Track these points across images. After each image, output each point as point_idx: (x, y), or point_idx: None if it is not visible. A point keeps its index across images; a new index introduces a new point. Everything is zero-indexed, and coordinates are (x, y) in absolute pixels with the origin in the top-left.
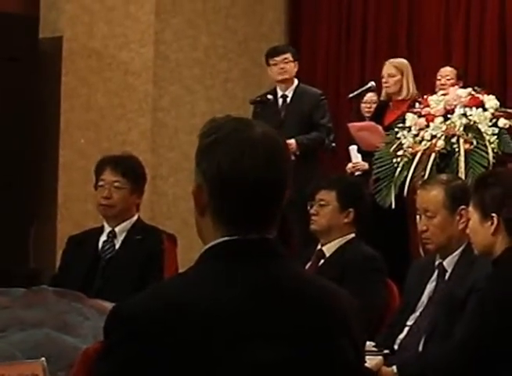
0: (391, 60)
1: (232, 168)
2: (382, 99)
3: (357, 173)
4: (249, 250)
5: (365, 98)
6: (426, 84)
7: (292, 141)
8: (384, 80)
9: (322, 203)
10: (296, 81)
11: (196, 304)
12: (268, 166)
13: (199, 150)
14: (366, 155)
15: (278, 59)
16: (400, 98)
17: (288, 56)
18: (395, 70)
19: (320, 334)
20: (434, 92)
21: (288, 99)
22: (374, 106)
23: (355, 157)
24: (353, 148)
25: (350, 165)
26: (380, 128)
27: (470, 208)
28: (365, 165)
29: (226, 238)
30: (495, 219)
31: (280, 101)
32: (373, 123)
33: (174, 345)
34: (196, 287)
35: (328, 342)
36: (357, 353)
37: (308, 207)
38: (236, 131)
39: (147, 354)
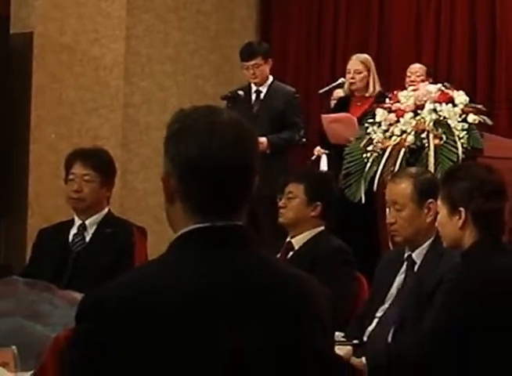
0: (357, 55)
1: (199, 152)
2: (344, 94)
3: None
4: (220, 236)
5: (334, 94)
6: (396, 81)
7: (264, 139)
8: (350, 75)
9: (290, 196)
10: (271, 78)
11: (166, 292)
12: (236, 150)
13: (167, 137)
14: (335, 149)
15: (248, 64)
16: (367, 94)
17: (258, 60)
18: (362, 66)
19: (289, 320)
20: (404, 89)
21: (262, 95)
22: None
23: (323, 164)
24: (323, 158)
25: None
26: (355, 119)
27: (439, 202)
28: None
29: (197, 225)
30: (463, 213)
31: (254, 96)
32: (348, 114)
33: (143, 334)
34: (165, 275)
35: (297, 329)
36: (327, 340)
37: (278, 201)
38: (204, 117)
39: (116, 343)
